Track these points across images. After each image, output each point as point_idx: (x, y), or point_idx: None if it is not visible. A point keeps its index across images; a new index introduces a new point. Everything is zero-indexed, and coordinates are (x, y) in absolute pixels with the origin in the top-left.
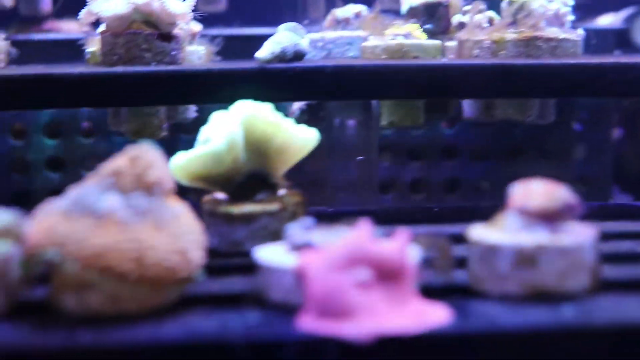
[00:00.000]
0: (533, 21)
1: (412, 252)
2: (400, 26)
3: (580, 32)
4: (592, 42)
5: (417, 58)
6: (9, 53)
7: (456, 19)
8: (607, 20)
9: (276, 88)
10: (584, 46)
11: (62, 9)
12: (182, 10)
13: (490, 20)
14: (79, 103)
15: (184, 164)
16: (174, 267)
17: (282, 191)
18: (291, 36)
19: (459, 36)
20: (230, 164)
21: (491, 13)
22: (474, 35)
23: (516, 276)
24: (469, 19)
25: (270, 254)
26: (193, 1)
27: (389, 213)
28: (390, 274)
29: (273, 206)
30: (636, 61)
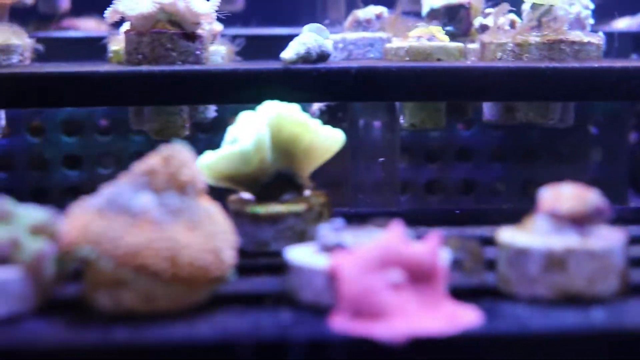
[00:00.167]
0: (558, 25)
1: (442, 254)
2: (423, 28)
3: (601, 36)
4: (615, 46)
5: (440, 60)
6: (33, 50)
7: (477, 22)
8: (624, 24)
9: (301, 89)
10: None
11: (80, 7)
12: (206, 10)
13: (512, 23)
14: (105, 101)
15: (211, 163)
16: (207, 266)
17: (308, 192)
18: (316, 37)
19: (482, 39)
20: (257, 164)
21: (513, 16)
22: (497, 38)
23: (546, 279)
24: (491, 21)
25: (301, 255)
26: (217, 1)
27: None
28: (421, 276)
29: (299, 206)
30: None
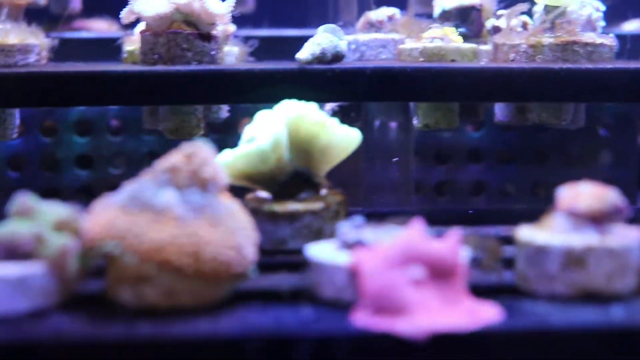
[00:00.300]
0: (572, 26)
1: (462, 251)
2: (437, 29)
3: (613, 37)
4: (627, 48)
5: (454, 61)
6: (50, 50)
7: (489, 23)
8: (633, 26)
9: (316, 89)
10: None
11: (91, 8)
12: (222, 10)
13: (524, 25)
14: (122, 101)
15: (229, 162)
16: (230, 262)
17: (324, 191)
18: (331, 38)
19: (495, 40)
20: (274, 162)
21: (525, 17)
22: (510, 39)
23: (565, 277)
24: (504, 23)
25: (322, 252)
26: (233, 2)
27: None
28: (442, 273)
29: (316, 205)
30: None
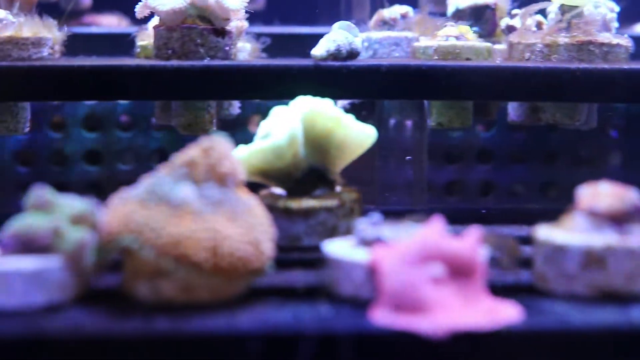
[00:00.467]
0: (589, 26)
1: (481, 250)
2: (452, 27)
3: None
4: None
5: (469, 60)
6: (63, 44)
7: (504, 22)
8: None
9: (331, 85)
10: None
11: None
12: (236, 6)
13: (539, 24)
14: (137, 95)
15: (244, 157)
16: (248, 257)
17: (339, 188)
18: (346, 35)
19: (510, 39)
20: (290, 159)
21: (540, 17)
22: (525, 38)
23: (584, 276)
24: (518, 22)
25: (339, 249)
26: None
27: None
28: (461, 271)
29: (331, 202)
30: None
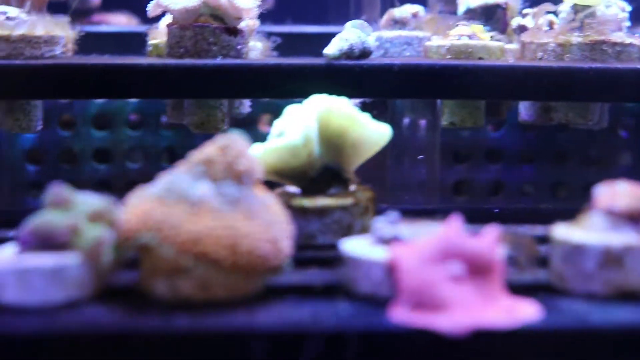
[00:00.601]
0: (602, 26)
1: (499, 249)
2: (464, 26)
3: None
4: None
5: (481, 59)
6: (76, 42)
7: (515, 22)
8: None
9: (343, 84)
10: None
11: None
12: (249, 4)
13: (551, 24)
14: (150, 94)
15: (259, 156)
16: (266, 255)
17: (353, 186)
18: (359, 33)
19: (522, 38)
20: (305, 157)
21: (551, 16)
22: (538, 37)
23: (602, 276)
24: (529, 21)
25: (357, 247)
26: None
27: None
28: (480, 270)
29: (346, 200)
30: None
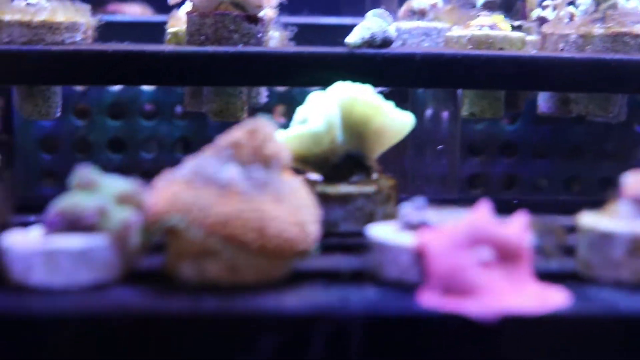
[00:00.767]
0: (625, 18)
1: (528, 235)
2: (486, 17)
3: None
4: None
5: (502, 49)
6: (96, 30)
7: (535, 13)
8: None
9: (365, 73)
10: None
11: None
12: None
13: (571, 16)
14: (171, 81)
15: (282, 142)
16: (294, 239)
17: (375, 174)
18: (380, 22)
19: (543, 29)
20: (327, 144)
21: (572, 8)
22: (560, 29)
23: (630, 263)
24: (550, 12)
25: (384, 233)
26: None
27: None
28: (509, 256)
29: (369, 188)
30: None
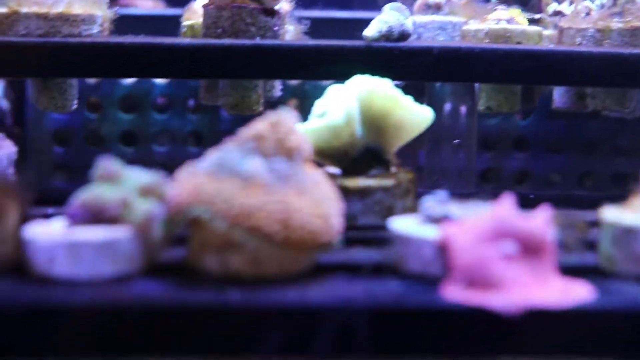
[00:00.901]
0: None
1: (551, 229)
2: (503, 11)
3: None
4: None
5: (519, 44)
6: (112, 22)
7: (551, 8)
8: None
9: (382, 66)
10: None
11: None
12: None
13: (588, 10)
14: (189, 74)
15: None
16: (318, 231)
17: (393, 168)
18: (398, 16)
19: (561, 24)
20: (347, 138)
21: (588, 3)
22: (577, 23)
23: None
24: (566, 7)
25: (407, 226)
26: None
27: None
28: (533, 249)
29: (388, 181)
30: None
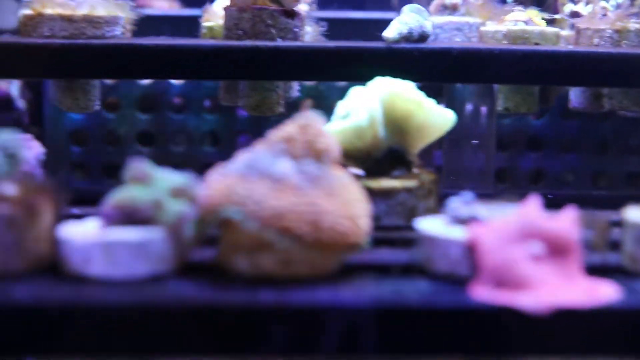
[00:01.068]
0: None
1: (577, 229)
2: (521, 12)
3: None
4: None
5: (537, 45)
6: (134, 23)
7: (568, 8)
8: None
9: (402, 68)
10: None
11: None
12: None
13: (604, 11)
14: (211, 75)
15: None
16: (347, 232)
17: (416, 169)
18: (417, 17)
19: (578, 24)
20: (370, 139)
21: (605, 3)
22: (594, 24)
23: None
24: (582, 8)
25: (434, 226)
26: None
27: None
28: (559, 250)
29: (411, 182)
30: None
